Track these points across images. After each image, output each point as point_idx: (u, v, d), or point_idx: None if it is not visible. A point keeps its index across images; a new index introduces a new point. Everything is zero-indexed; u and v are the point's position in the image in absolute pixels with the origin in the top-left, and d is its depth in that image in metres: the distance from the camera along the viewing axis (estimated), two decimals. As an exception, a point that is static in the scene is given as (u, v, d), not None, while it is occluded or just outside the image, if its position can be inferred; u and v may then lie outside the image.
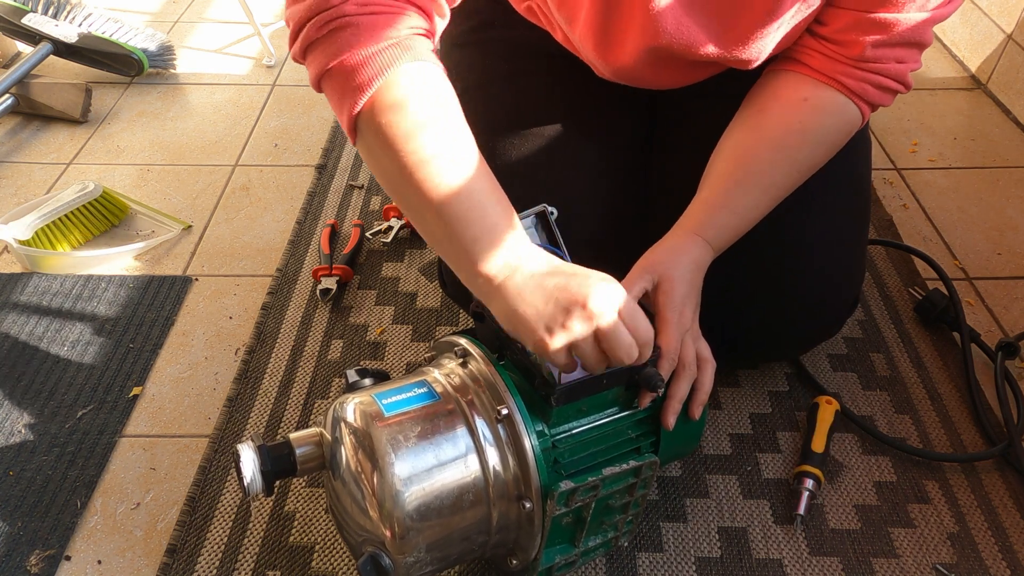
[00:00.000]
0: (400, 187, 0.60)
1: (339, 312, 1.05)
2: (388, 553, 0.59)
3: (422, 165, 0.57)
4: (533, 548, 0.63)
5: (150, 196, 1.27)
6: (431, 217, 0.59)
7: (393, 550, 0.59)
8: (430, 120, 0.58)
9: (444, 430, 0.61)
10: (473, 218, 0.58)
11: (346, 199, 1.25)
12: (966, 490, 0.83)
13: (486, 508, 0.62)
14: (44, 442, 0.88)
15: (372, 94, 0.57)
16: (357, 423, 0.61)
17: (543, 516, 0.61)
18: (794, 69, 0.75)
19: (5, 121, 1.45)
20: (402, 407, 0.62)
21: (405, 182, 0.59)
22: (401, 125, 0.57)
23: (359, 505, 0.60)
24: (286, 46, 1.70)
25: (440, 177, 0.57)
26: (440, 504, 0.60)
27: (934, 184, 1.28)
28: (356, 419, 0.61)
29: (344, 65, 0.58)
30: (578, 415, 0.66)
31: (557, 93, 0.87)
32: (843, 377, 0.95)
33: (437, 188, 0.58)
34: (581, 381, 0.62)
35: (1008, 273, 1.11)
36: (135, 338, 1.02)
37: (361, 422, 0.61)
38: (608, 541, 0.69)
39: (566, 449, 0.64)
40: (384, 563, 0.59)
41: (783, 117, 0.74)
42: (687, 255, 0.72)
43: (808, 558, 0.76)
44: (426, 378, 0.66)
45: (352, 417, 0.61)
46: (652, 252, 0.73)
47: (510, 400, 0.62)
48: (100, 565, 0.78)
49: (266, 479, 0.61)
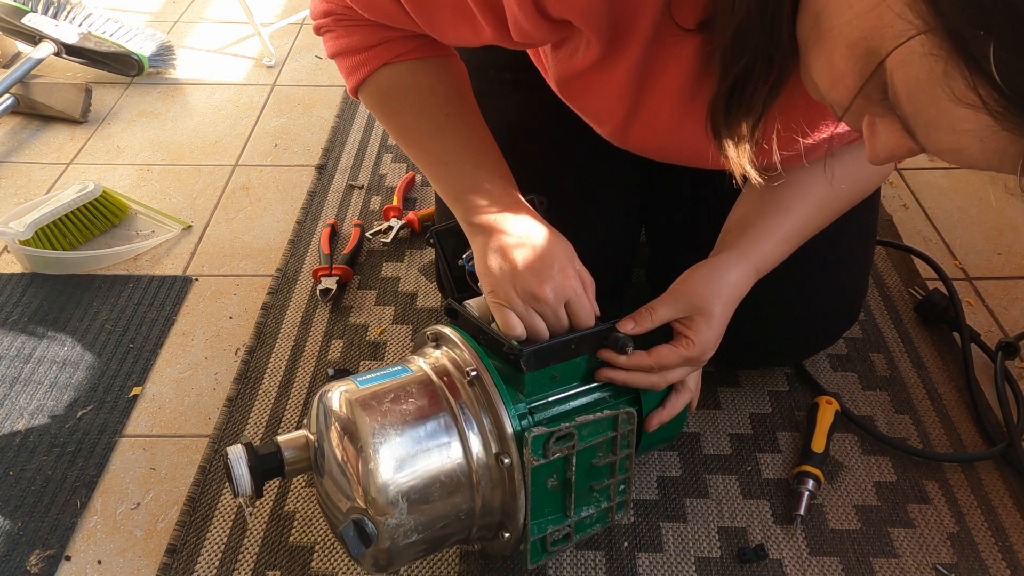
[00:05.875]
0: (398, 142, 0.74)
1: (339, 312, 1.05)
2: (370, 518, 0.59)
3: (408, 132, 0.72)
4: (521, 512, 0.63)
5: (150, 196, 1.27)
6: (426, 172, 0.73)
7: (374, 510, 0.59)
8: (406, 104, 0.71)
9: (418, 395, 0.63)
10: (453, 180, 0.70)
11: (346, 199, 1.25)
12: (966, 490, 0.83)
13: (465, 465, 0.62)
14: (44, 442, 0.88)
15: (363, 82, 0.71)
16: (332, 390, 0.65)
17: (522, 469, 0.61)
18: None
19: (5, 121, 1.45)
20: (376, 381, 0.65)
21: (401, 142, 0.73)
22: (388, 105, 0.72)
23: (340, 468, 0.61)
24: (286, 46, 1.71)
25: (422, 145, 0.71)
26: (416, 452, 0.60)
27: (934, 184, 1.28)
28: (331, 390, 0.65)
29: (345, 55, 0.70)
30: (552, 383, 0.67)
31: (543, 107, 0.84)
32: (843, 377, 0.95)
33: (423, 155, 0.71)
34: (549, 345, 0.65)
35: (1008, 273, 1.11)
36: (135, 338, 1.02)
37: (337, 391, 0.64)
38: (603, 513, 0.69)
39: (544, 417, 0.65)
40: (367, 528, 0.59)
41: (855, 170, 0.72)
42: (737, 289, 0.70)
43: (808, 558, 0.76)
44: (405, 364, 0.68)
45: (329, 394, 0.64)
46: (700, 281, 0.69)
47: (479, 362, 0.63)
48: (100, 565, 0.78)
49: (255, 480, 0.61)
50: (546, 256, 0.65)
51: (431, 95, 0.70)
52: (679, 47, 0.56)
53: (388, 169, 1.32)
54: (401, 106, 0.71)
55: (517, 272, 0.64)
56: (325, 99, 1.53)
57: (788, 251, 0.73)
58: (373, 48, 0.69)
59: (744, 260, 0.70)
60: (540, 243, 0.66)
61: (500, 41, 0.60)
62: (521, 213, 0.68)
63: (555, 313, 0.65)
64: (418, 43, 0.69)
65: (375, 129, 1.42)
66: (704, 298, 0.68)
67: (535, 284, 0.64)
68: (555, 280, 0.65)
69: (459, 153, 0.70)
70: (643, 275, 1.00)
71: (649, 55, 0.57)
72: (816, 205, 0.73)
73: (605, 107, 0.66)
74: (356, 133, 1.41)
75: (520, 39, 0.58)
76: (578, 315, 0.66)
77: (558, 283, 0.65)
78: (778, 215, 0.72)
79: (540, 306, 0.65)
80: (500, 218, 0.67)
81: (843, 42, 0.41)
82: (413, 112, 0.71)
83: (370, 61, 0.69)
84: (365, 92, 0.72)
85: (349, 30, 0.69)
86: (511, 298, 0.65)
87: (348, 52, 0.70)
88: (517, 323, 0.65)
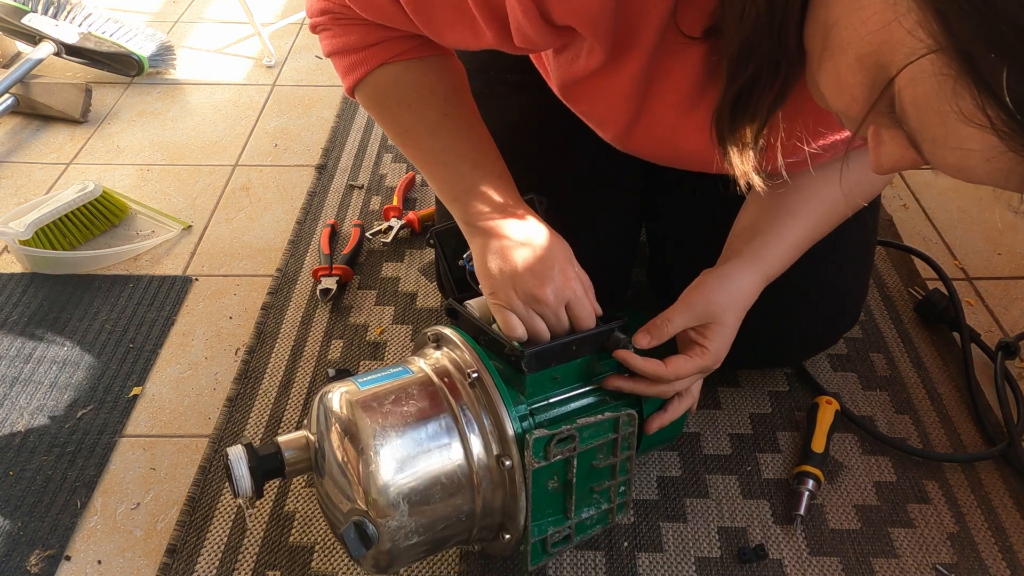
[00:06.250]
0: (396, 143, 0.74)
1: (339, 312, 1.05)
2: (371, 520, 0.59)
3: (406, 132, 0.71)
4: (521, 514, 0.63)
5: (150, 196, 1.27)
6: (424, 172, 0.72)
7: (375, 512, 0.59)
8: (404, 103, 0.71)
9: (419, 397, 0.63)
10: (452, 179, 0.69)
11: (346, 199, 1.25)
12: (966, 490, 0.83)
13: (466, 466, 0.62)
14: (44, 442, 0.88)
15: (360, 82, 0.71)
16: (332, 391, 0.64)
17: (523, 471, 0.61)
18: None
19: (5, 121, 1.45)
20: (377, 382, 0.65)
21: (399, 142, 0.73)
22: (385, 105, 0.72)
23: (341, 469, 0.60)
24: (286, 46, 1.71)
25: (420, 145, 0.71)
26: (417, 454, 0.60)
27: (934, 184, 1.28)
28: (332, 391, 0.64)
29: (342, 54, 0.70)
30: (553, 385, 0.67)
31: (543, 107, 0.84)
32: (843, 377, 0.95)
33: (421, 154, 0.71)
34: (550, 346, 0.65)
35: (1008, 273, 1.11)
36: (135, 338, 1.02)
37: (338, 392, 0.64)
38: (604, 514, 0.69)
39: (545, 419, 0.65)
40: (368, 530, 0.59)
41: (861, 172, 0.71)
42: (748, 295, 0.70)
43: (808, 558, 0.76)
44: (405, 365, 0.68)
45: (330, 395, 0.64)
46: (713, 289, 0.69)
47: (480, 364, 0.63)
48: (100, 565, 0.78)
49: (256, 481, 0.61)
50: (546, 258, 0.65)
51: (430, 94, 0.70)
52: (684, 55, 0.56)
53: (388, 169, 1.32)
54: (399, 106, 0.71)
55: (517, 274, 0.64)
56: (325, 99, 1.53)
57: (796, 257, 0.73)
58: (371, 48, 0.68)
59: (754, 267, 0.70)
60: (540, 244, 0.66)
61: (501, 46, 0.59)
62: (520, 214, 0.68)
63: (556, 314, 0.65)
64: (416, 43, 0.69)
65: (375, 129, 1.42)
66: (719, 306, 0.68)
67: (536, 286, 0.64)
68: (555, 282, 0.65)
69: (458, 153, 0.70)
70: (643, 275, 1.00)
71: (654, 63, 0.57)
72: (824, 210, 0.73)
73: (608, 112, 0.66)
74: (356, 133, 1.41)
75: (522, 44, 0.57)
76: (579, 316, 0.66)
77: (558, 284, 0.65)
78: (787, 221, 0.72)
79: (541, 307, 0.65)
80: (499, 219, 0.67)
81: (853, 55, 0.41)
82: (411, 111, 0.70)
83: (367, 61, 0.69)
84: (362, 92, 0.72)
85: (346, 29, 0.68)
86: (512, 300, 0.65)
87: (345, 51, 0.70)
88: (518, 325, 0.65)
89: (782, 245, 0.71)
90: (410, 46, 0.69)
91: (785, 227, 0.72)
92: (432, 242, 0.79)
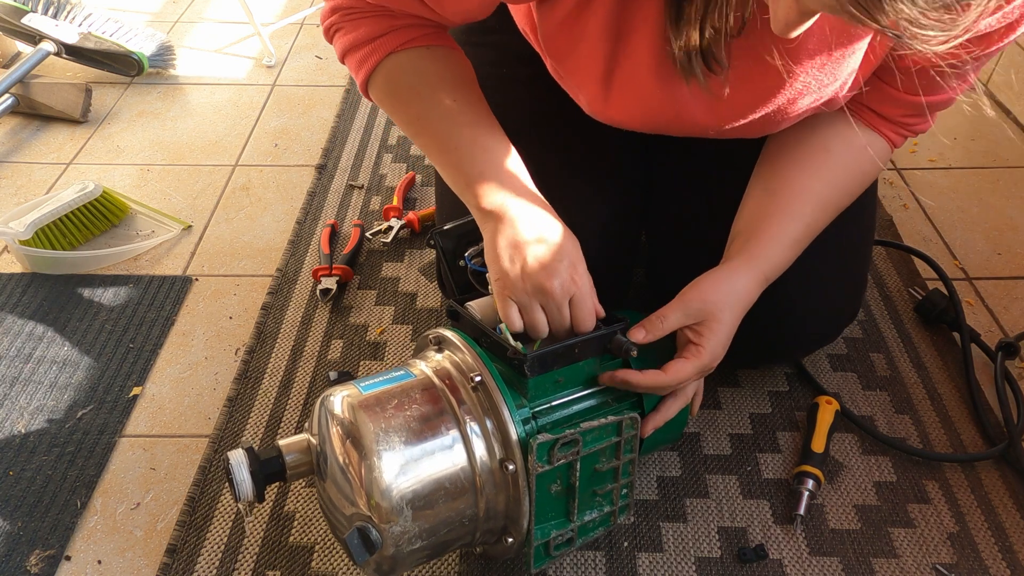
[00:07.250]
0: (408, 132, 0.76)
1: (339, 312, 1.05)
2: (374, 525, 0.59)
3: (416, 120, 0.72)
4: (525, 518, 0.63)
5: (150, 196, 1.27)
6: (435, 160, 0.73)
7: (378, 516, 0.59)
8: (414, 91, 0.72)
9: (421, 400, 0.63)
10: (464, 165, 0.70)
11: (346, 199, 1.25)
12: (966, 490, 0.83)
13: (469, 470, 0.62)
14: (44, 442, 0.88)
15: (372, 73, 0.72)
16: (334, 394, 0.65)
17: (527, 475, 0.61)
18: (861, 116, 0.75)
19: (5, 121, 1.45)
20: (379, 385, 0.64)
21: (411, 131, 0.74)
22: (396, 95, 0.73)
23: (343, 473, 0.60)
24: (286, 46, 1.71)
25: (432, 131, 0.71)
26: (420, 457, 0.60)
27: (934, 184, 1.28)
28: (334, 395, 0.64)
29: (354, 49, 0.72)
30: (556, 387, 0.67)
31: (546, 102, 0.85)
32: (843, 377, 0.95)
33: (432, 141, 0.72)
34: (552, 349, 0.65)
35: (1008, 273, 1.11)
36: (135, 338, 1.02)
37: (340, 395, 0.64)
38: (606, 516, 0.68)
39: (548, 422, 0.65)
40: (372, 535, 0.58)
41: (850, 164, 0.73)
42: (746, 296, 0.70)
43: (808, 558, 0.76)
44: (407, 368, 0.67)
45: (332, 398, 0.64)
46: (710, 288, 0.70)
47: (483, 367, 0.63)
48: (100, 565, 0.78)
49: (257, 485, 0.61)
50: (557, 251, 0.65)
51: (439, 81, 0.71)
52: (646, 9, 0.61)
53: (388, 169, 1.32)
54: (409, 95, 0.71)
55: (526, 264, 0.64)
56: (325, 99, 1.53)
57: (795, 255, 0.74)
58: (379, 38, 0.70)
59: (752, 267, 0.71)
60: (552, 237, 0.66)
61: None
62: (533, 203, 0.68)
63: (559, 308, 0.65)
64: (423, 31, 0.71)
65: (375, 129, 1.42)
66: (715, 304, 0.68)
67: (544, 277, 0.64)
68: (563, 276, 0.65)
69: (469, 138, 0.70)
70: (643, 275, 1.00)
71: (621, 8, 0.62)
72: (819, 205, 0.74)
73: (585, 64, 0.67)
74: (356, 133, 1.41)
75: None
76: (581, 314, 0.66)
77: (565, 279, 0.65)
78: (783, 220, 0.72)
79: (545, 299, 0.65)
80: (512, 206, 0.67)
81: None
82: (421, 98, 0.71)
83: (376, 51, 0.70)
84: (374, 85, 0.73)
85: (356, 23, 0.70)
86: (517, 289, 0.64)
87: (355, 46, 0.71)
88: (517, 318, 0.65)
89: (779, 246, 0.72)
90: (418, 34, 0.70)
91: (782, 227, 0.72)
92: (433, 243, 0.79)
